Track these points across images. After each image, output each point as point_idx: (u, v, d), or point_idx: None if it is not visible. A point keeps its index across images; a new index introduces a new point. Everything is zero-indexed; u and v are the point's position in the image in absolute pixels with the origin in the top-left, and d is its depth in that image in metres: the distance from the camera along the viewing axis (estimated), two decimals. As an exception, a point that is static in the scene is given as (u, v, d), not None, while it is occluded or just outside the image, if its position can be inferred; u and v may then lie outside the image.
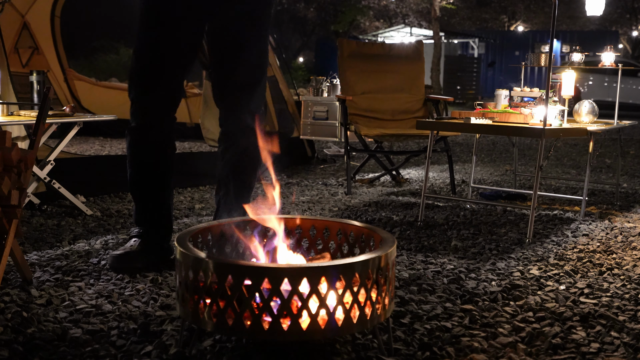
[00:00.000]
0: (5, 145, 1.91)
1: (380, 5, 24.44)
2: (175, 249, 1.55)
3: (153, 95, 2.31)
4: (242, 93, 2.34)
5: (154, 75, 2.29)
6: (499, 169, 5.39)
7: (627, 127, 4.82)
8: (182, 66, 2.34)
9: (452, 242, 2.79)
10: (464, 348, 1.67)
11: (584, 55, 3.78)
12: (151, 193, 2.41)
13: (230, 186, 2.38)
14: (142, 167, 2.39)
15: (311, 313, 1.42)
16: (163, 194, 2.42)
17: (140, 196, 2.42)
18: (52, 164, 3.18)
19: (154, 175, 2.39)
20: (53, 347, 1.62)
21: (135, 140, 2.36)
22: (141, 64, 2.30)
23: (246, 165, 2.39)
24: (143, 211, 2.41)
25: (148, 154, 2.37)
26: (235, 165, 2.39)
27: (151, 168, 2.39)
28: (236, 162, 2.39)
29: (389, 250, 1.54)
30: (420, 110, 4.52)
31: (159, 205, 2.41)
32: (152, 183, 2.40)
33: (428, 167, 3.33)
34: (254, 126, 2.35)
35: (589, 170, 3.46)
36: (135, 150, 2.37)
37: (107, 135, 6.87)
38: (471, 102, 16.15)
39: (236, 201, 2.35)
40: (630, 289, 2.20)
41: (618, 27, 26.65)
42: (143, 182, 2.41)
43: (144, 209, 2.41)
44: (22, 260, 2.07)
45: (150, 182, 2.40)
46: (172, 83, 2.34)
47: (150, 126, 2.34)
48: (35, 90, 3.34)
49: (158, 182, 2.40)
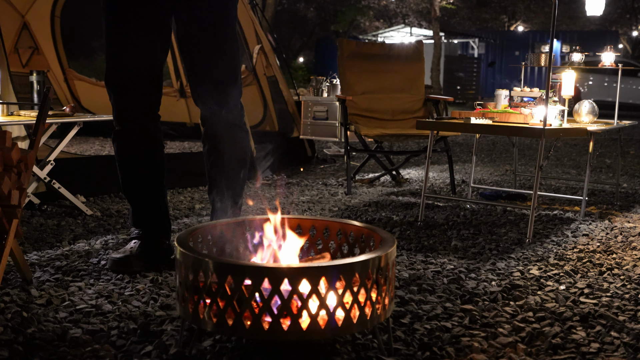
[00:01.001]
0: (5, 145, 1.91)
1: (380, 5, 24.44)
2: (175, 249, 1.55)
3: (130, 97, 2.31)
4: (219, 91, 2.32)
5: (127, 77, 2.29)
6: (499, 169, 5.39)
7: (627, 127, 4.82)
8: (155, 65, 2.33)
9: (452, 242, 2.80)
10: (464, 348, 1.67)
11: (584, 55, 3.78)
12: (144, 195, 2.42)
13: (222, 185, 2.38)
14: (131, 171, 2.40)
15: (311, 313, 1.42)
16: (157, 194, 2.42)
17: (134, 199, 2.43)
18: (52, 164, 3.18)
19: (145, 178, 2.40)
20: (53, 347, 1.62)
21: (121, 144, 2.37)
22: (113, 65, 2.29)
23: (234, 161, 2.39)
24: (139, 213, 2.42)
25: (135, 158, 2.38)
26: (223, 162, 2.38)
27: (140, 171, 2.39)
28: (223, 159, 2.38)
29: (389, 250, 1.54)
30: (420, 110, 4.52)
31: (154, 206, 2.42)
32: (144, 185, 2.41)
33: (428, 167, 3.33)
34: (236, 121, 2.35)
35: (589, 170, 3.46)
36: (123, 155, 2.38)
37: (107, 135, 6.79)
38: (471, 102, 16.15)
39: (231, 198, 2.36)
40: (630, 289, 2.20)
41: (618, 27, 26.65)
42: (134, 185, 2.41)
43: (139, 211, 2.42)
44: (22, 260, 2.07)
45: (142, 184, 2.41)
46: (147, 83, 2.32)
47: (133, 129, 2.34)
48: (35, 90, 3.34)
49: (149, 183, 2.41)
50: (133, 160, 2.38)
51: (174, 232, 2.90)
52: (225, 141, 2.37)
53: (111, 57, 2.30)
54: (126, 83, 2.29)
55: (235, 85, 2.35)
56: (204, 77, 2.32)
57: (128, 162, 2.38)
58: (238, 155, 2.39)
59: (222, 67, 2.32)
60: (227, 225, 1.82)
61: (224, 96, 2.32)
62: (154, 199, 2.42)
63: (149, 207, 2.42)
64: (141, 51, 2.29)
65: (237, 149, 2.39)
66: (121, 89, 2.30)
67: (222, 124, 2.35)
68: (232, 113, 2.35)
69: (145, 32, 2.28)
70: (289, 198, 3.86)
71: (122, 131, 2.35)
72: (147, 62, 2.31)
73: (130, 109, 2.33)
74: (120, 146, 2.37)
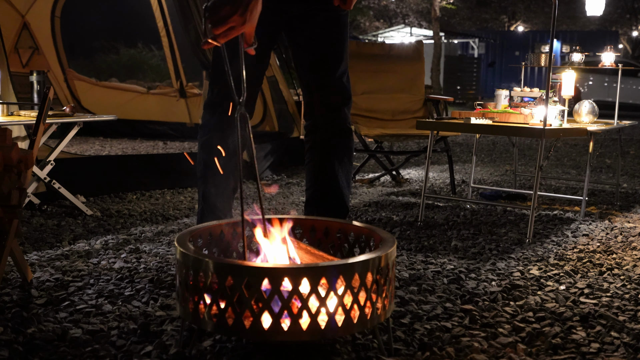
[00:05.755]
0: (6, 143, 1.91)
1: (380, 5, 24.45)
2: (175, 249, 1.55)
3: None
4: (345, 84, 2.32)
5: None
6: (499, 169, 5.39)
7: (627, 127, 4.83)
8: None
9: (452, 242, 2.80)
10: (464, 348, 1.67)
11: (584, 55, 3.78)
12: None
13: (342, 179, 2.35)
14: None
15: (311, 313, 1.42)
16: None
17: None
18: (52, 164, 3.18)
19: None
20: (53, 347, 1.62)
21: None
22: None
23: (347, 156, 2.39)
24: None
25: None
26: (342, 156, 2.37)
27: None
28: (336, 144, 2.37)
29: (389, 250, 1.54)
30: (420, 110, 4.52)
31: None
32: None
33: (428, 167, 3.33)
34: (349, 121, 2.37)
35: (589, 170, 3.46)
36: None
37: (107, 135, 6.87)
38: (471, 102, 16.16)
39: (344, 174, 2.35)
40: (630, 289, 2.20)
41: (618, 27, 26.66)
42: None
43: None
44: (22, 260, 2.07)
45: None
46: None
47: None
48: (35, 90, 3.34)
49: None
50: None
51: (174, 232, 2.91)
52: (341, 141, 2.36)
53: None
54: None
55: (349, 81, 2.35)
56: (333, 73, 2.28)
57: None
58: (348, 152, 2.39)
59: (345, 64, 2.31)
60: (227, 226, 1.82)
61: (347, 90, 2.32)
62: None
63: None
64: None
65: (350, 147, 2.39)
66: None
67: (343, 121, 2.33)
68: (349, 111, 2.35)
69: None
70: (289, 198, 3.86)
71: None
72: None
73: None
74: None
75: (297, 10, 2.24)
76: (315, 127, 2.37)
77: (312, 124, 2.38)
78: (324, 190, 2.38)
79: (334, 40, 2.29)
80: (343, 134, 2.36)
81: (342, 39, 2.31)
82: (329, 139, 2.35)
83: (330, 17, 2.27)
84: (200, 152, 2.28)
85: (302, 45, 2.31)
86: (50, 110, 2.87)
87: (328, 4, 2.21)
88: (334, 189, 2.36)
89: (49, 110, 2.34)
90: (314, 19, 2.26)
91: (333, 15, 2.27)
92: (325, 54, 2.29)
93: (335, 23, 2.29)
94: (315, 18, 2.26)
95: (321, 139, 2.36)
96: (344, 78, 2.33)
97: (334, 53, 2.29)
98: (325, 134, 2.35)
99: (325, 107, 2.32)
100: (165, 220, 3.17)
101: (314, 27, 2.27)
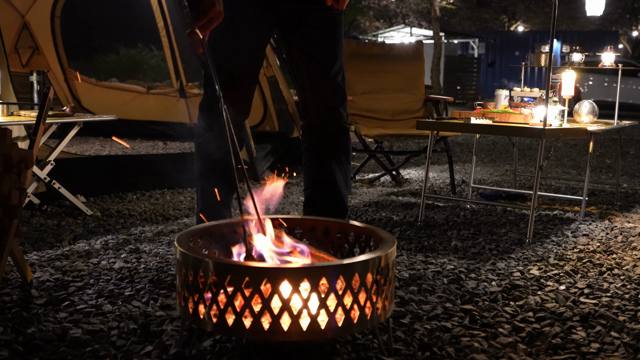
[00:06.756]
0: (6, 143, 1.90)
1: (380, 5, 24.45)
2: (176, 249, 1.55)
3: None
4: (340, 84, 2.32)
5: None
6: (499, 169, 5.39)
7: (627, 127, 4.82)
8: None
9: (452, 242, 2.79)
10: (464, 348, 1.67)
11: (584, 55, 3.78)
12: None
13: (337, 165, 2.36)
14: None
15: (311, 313, 1.42)
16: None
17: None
18: (52, 164, 3.18)
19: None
20: (53, 347, 1.62)
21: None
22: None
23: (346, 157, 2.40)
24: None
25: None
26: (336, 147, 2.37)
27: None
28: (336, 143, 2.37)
29: (389, 250, 1.54)
30: (420, 110, 4.52)
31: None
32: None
33: (428, 167, 3.33)
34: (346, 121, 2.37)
35: (589, 170, 3.46)
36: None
37: (107, 135, 6.86)
38: (471, 102, 16.15)
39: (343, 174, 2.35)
40: (630, 289, 2.20)
41: (618, 27, 26.66)
42: None
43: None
44: (22, 260, 2.07)
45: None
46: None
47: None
48: (35, 90, 3.34)
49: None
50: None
51: (174, 232, 2.91)
52: (340, 139, 2.35)
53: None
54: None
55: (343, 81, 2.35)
56: (327, 72, 2.28)
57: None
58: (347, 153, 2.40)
59: (339, 63, 2.31)
60: (227, 226, 1.82)
61: (342, 90, 2.32)
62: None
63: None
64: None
65: (348, 148, 2.39)
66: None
67: (338, 120, 2.32)
68: (345, 110, 2.35)
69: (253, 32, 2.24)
70: (289, 198, 3.86)
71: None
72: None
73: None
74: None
75: (288, 8, 2.23)
76: (311, 127, 2.36)
77: (308, 123, 2.37)
78: (322, 190, 2.38)
79: (328, 39, 2.28)
80: (340, 133, 2.35)
81: (336, 38, 2.30)
82: (326, 138, 2.34)
83: (323, 16, 2.26)
84: (197, 153, 2.29)
85: (295, 44, 2.30)
86: (50, 110, 2.87)
87: (320, 3, 2.20)
88: (332, 188, 2.36)
89: (49, 110, 2.34)
90: (306, 18, 2.25)
91: (326, 14, 2.26)
92: (319, 54, 2.28)
93: (328, 22, 2.28)
94: (308, 17, 2.25)
95: (318, 139, 2.35)
96: (339, 77, 2.31)
97: (328, 52, 2.28)
98: (321, 134, 2.34)
99: (321, 106, 2.32)
100: (165, 220, 3.17)
101: (306, 26, 2.26)
